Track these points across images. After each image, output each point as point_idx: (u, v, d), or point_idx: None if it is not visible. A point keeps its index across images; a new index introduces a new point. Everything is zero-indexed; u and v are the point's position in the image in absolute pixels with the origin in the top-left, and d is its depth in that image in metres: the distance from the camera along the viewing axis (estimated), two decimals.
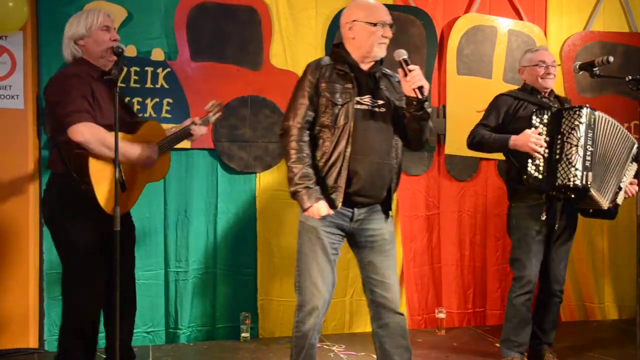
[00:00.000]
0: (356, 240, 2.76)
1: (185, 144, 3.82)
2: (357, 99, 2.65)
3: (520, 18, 4.45)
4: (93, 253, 2.81)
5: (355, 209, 2.69)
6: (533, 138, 3.23)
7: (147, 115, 3.80)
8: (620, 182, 3.37)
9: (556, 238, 3.42)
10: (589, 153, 3.20)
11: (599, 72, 3.17)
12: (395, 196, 4.15)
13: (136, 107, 3.78)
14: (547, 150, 3.25)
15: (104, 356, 3.29)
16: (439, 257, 4.38)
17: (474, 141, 3.46)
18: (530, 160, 3.26)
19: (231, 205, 4.01)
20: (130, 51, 3.73)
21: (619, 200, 3.40)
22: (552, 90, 3.52)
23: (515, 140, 3.27)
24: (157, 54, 3.84)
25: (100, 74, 2.87)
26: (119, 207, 2.65)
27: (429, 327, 4.32)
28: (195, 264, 3.95)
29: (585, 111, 3.20)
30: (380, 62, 2.76)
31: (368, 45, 2.67)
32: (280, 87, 4.02)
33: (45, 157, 3.65)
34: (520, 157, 3.30)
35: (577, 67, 3.27)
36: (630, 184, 3.42)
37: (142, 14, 3.80)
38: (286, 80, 4.03)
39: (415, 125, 2.70)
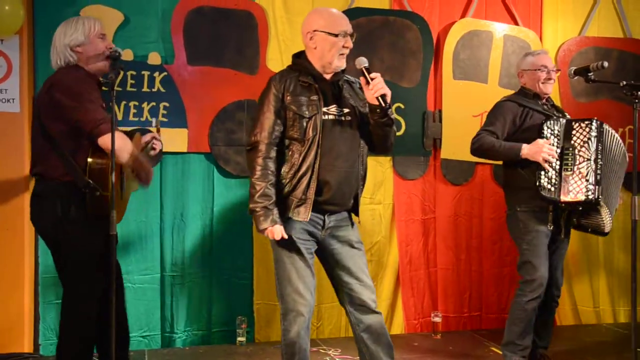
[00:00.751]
0: (326, 247, 2.75)
1: (181, 147, 3.85)
2: (324, 109, 2.65)
3: (516, 23, 4.47)
4: (101, 260, 2.80)
5: (326, 217, 2.71)
6: (546, 148, 3.19)
7: (143, 119, 3.80)
8: (618, 199, 3.38)
9: (557, 245, 3.41)
10: (599, 166, 3.20)
11: (593, 77, 3.16)
12: (392, 200, 4.16)
13: (133, 111, 3.78)
14: (557, 162, 3.23)
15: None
16: (435, 261, 4.39)
17: (481, 148, 3.35)
18: (542, 173, 3.23)
19: (227, 209, 4.01)
20: (127, 55, 3.72)
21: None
22: (549, 97, 3.51)
23: (528, 150, 3.22)
24: (154, 58, 3.84)
25: (97, 81, 2.90)
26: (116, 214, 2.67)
27: (425, 331, 4.32)
28: (192, 268, 3.94)
29: (595, 124, 3.20)
30: (342, 70, 2.76)
31: (329, 56, 2.67)
32: None
33: None
34: (529, 168, 3.27)
35: (572, 72, 3.27)
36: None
37: (139, 17, 3.80)
38: None
39: (379, 131, 2.72)
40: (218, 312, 3.98)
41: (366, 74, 2.60)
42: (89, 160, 2.73)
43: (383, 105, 2.58)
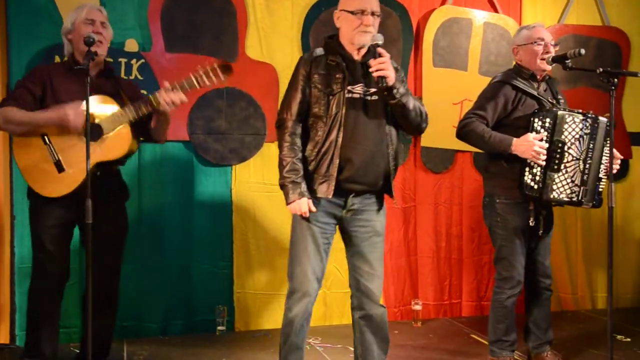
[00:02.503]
0: (347, 227, 2.79)
1: None
2: (349, 88, 2.68)
3: (496, 10, 4.47)
4: (50, 242, 2.89)
5: (349, 198, 2.73)
6: (537, 147, 3.02)
7: None
8: (599, 172, 3.18)
9: (539, 235, 3.27)
10: (587, 166, 3.08)
11: (571, 64, 3.09)
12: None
13: None
14: (545, 158, 3.06)
15: (77, 351, 3.27)
16: (415, 249, 4.40)
17: (469, 134, 3.14)
18: (527, 169, 3.08)
19: (207, 197, 3.98)
20: None
21: (601, 187, 3.21)
22: (547, 74, 3.27)
23: (517, 147, 3.05)
24: (131, 45, 3.79)
25: (70, 64, 2.93)
26: (62, 191, 2.81)
27: (405, 319, 4.34)
28: (171, 257, 3.91)
29: (590, 121, 3.06)
30: (375, 50, 2.73)
31: (351, 34, 2.69)
32: (256, 78, 3.99)
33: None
34: (513, 161, 3.12)
35: (550, 59, 3.22)
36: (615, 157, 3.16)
37: (115, 3, 3.74)
38: (262, 71, 4.02)
39: (396, 111, 2.70)
40: (197, 301, 3.96)
41: (374, 51, 2.59)
42: None
43: (380, 85, 2.57)
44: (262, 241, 4.04)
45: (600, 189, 3.21)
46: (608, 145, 3.15)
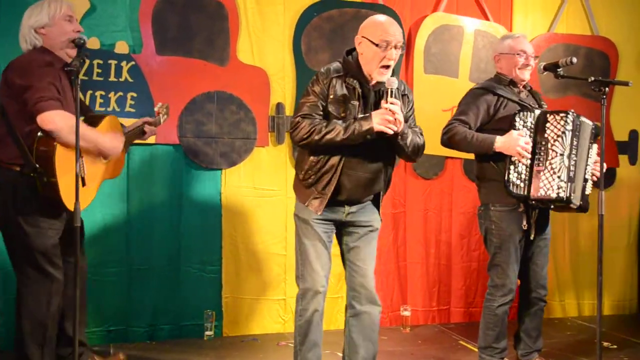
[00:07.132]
0: (346, 228, 2.86)
1: (149, 138, 3.76)
2: (359, 116, 2.69)
3: (487, 18, 4.50)
4: (54, 254, 2.78)
5: (345, 207, 2.82)
6: (522, 142, 3.06)
7: (110, 109, 3.71)
8: (585, 174, 3.24)
9: (536, 243, 3.30)
10: (572, 162, 3.09)
11: (562, 72, 3.12)
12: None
13: (99, 100, 3.69)
14: (529, 156, 3.10)
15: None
16: (404, 255, 4.40)
17: (452, 139, 3.18)
18: (512, 167, 3.10)
19: (196, 201, 3.96)
20: (93, 43, 3.64)
21: (588, 190, 3.27)
22: (527, 84, 3.37)
23: (501, 143, 3.08)
24: (121, 47, 3.75)
25: (63, 65, 2.82)
26: (79, 202, 2.59)
27: (393, 325, 4.33)
28: (159, 261, 3.88)
29: (571, 117, 3.09)
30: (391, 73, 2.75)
31: (372, 66, 2.69)
32: (247, 82, 3.98)
33: None
34: (502, 161, 3.14)
35: (542, 67, 3.23)
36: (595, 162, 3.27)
37: (106, 5, 3.71)
38: (253, 76, 4.01)
39: (394, 143, 2.74)
40: (186, 306, 3.93)
41: (387, 95, 2.62)
42: (40, 143, 2.64)
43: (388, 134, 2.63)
44: (251, 246, 4.03)
45: (587, 192, 3.27)
46: (593, 147, 3.25)
